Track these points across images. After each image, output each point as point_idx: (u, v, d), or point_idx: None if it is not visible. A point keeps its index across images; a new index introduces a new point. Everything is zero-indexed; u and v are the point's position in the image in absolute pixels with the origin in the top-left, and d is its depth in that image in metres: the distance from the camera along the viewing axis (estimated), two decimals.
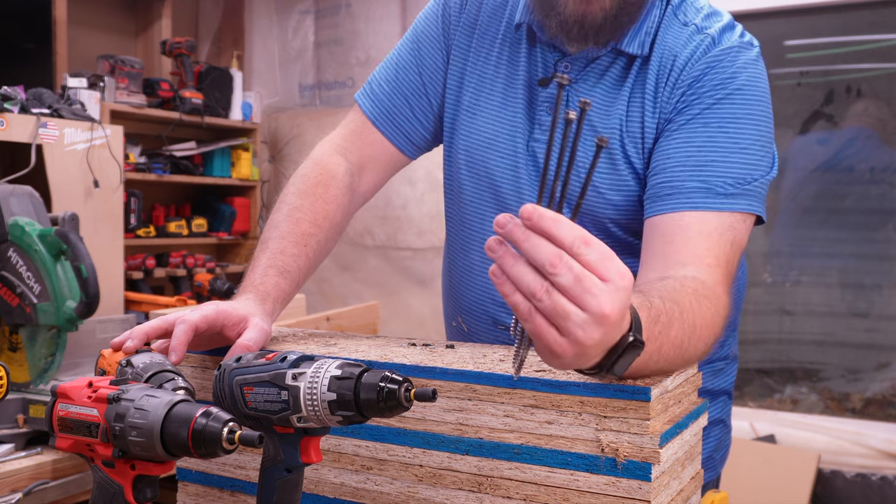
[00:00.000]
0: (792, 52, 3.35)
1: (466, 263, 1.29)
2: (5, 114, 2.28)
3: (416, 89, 1.31)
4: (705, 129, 1.10)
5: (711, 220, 1.07)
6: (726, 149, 1.09)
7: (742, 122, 1.10)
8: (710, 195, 1.08)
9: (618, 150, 1.16)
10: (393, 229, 4.04)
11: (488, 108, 1.24)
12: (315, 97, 4.39)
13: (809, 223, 3.39)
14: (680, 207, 1.08)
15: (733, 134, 1.10)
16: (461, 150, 1.28)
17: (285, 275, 1.14)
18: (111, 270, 2.58)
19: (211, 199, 4.15)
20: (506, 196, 1.23)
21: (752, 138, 1.10)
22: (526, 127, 1.21)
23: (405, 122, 1.31)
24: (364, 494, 0.96)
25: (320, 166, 1.27)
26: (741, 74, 1.12)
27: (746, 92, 1.11)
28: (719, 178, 1.08)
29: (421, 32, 1.32)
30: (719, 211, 1.08)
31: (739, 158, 1.09)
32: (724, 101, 1.11)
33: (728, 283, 1.05)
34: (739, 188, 1.09)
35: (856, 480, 2.92)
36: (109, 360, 0.99)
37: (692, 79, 1.13)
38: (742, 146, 1.10)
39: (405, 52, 1.33)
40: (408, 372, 0.92)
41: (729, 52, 1.13)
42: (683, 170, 1.10)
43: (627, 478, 0.83)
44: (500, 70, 1.24)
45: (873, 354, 3.26)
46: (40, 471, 1.65)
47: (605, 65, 1.17)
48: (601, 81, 1.18)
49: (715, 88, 1.11)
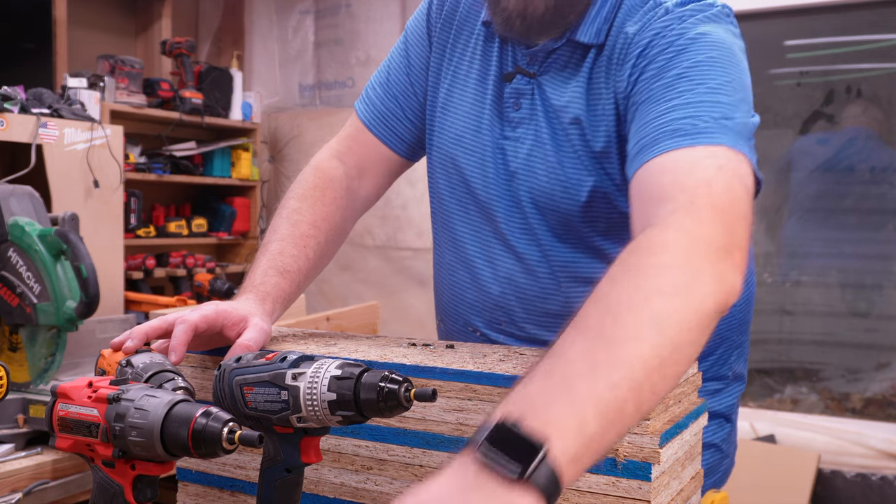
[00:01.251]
0: (792, 52, 3.35)
1: (443, 262, 1.29)
2: (5, 114, 2.28)
3: (405, 90, 1.30)
4: (663, 84, 0.98)
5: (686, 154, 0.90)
6: (690, 91, 0.95)
7: (704, 67, 0.97)
8: (679, 135, 0.91)
9: (578, 141, 1.11)
10: (393, 229, 4.04)
11: (460, 105, 1.23)
12: (315, 97, 4.39)
13: (810, 223, 3.39)
14: (648, 157, 0.92)
15: (696, 78, 0.97)
16: (436, 148, 1.27)
17: (285, 275, 1.14)
18: (111, 270, 2.58)
19: (211, 199, 4.15)
20: (477, 193, 1.21)
21: (720, 79, 0.96)
22: (494, 123, 1.19)
23: (397, 123, 1.31)
24: (364, 494, 0.96)
25: (318, 171, 1.28)
26: (694, 28, 1.01)
27: (703, 41, 1.00)
28: (688, 118, 0.93)
29: (410, 34, 1.32)
30: (694, 146, 0.90)
31: (709, 98, 0.94)
32: (680, 55, 0.99)
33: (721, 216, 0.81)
34: (716, 124, 0.92)
35: (856, 480, 2.92)
36: (109, 360, 0.99)
37: (641, 47, 1.04)
38: (710, 87, 0.95)
39: (396, 54, 1.33)
40: (408, 372, 0.92)
41: (682, 13, 1.03)
42: (648, 125, 0.96)
43: (627, 478, 0.83)
44: (473, 66, 1.22)
45: (873, 354, 3.26)
46: (40, 471, 1.65)
47: (565, 57, 1.13)
48: (562, 73, 1.13)
49: (666, 47, 1.01)
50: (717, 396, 1.26)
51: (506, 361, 0.95)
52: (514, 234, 1.18)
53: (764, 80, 3.35)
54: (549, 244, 1.16)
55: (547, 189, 1.14)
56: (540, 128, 1.15)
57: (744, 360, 1.31)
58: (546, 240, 1.16)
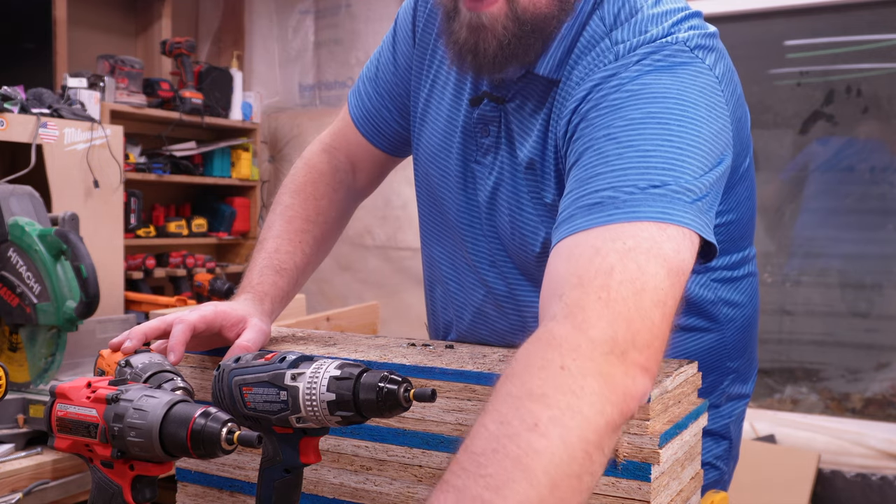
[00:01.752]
0: (792, 52, 3.35)
1: (425, 274, 1.28)
2: (5, 114, 2.28)
3: (391, 88, 1.24)
4: (591, 147, 0.88)
5: (593, 236, 0.80)
6: (618, 157, 0.85)
7: (638, 125, 0.86)
8: (596, 210, 0.81)
9: (533, 188, 1.03)
10: (393, 229, 4.04)
11: (436, 119, 1.16)
12: (315, 97, 4.39)
13: (810, 223, 3.39)
14: (560, 236, 0.83)
15: (626, 139, 0.86)
16: (418, 160, 1.22)
17: (282, 273, 1.14)
18: (111, 270, 2.58)
19: (211, 199, 4.15)
20: (449, 216, 1.15)
21: (656, 140, 0.85)
22: (468, 144, 1.11)
23: (382, 122, 1.26)
24: (363, 495, 0.96)
25: (309, 165, 1.27)
26: (636, 79, 0.90)
27: (642, 95, 0.89)
28: (608, 189, 0.83)
29: (398, 26, 1.24)
30: (608, 224, 0.80)
31: (637, 163, 0.83)
32: (614, 112, 0.89)
33: (615, 314, 0.72)
34: (642, 194, 0.81)
35: (856, 480, 2.92)
36: (108, 361, 0.99)
37: (577, 101, 0.94)
38: (642, 149, 0.84)
39: (385, 48, 1.27)
40: (407, 372, 0.92)
41: (628, 61, 0.93)
42: (569, 195, 0.87)
43: (627, 478, 0.83)
44: (451, 76, 1.14)
45: (873, 354, 3.26)
46: (40, 471, 1.65)
47: (530, 87, 1.04)
48: (526, 105, 1.04)
49: (600, 102, 0.91)
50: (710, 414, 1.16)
51: (505, 362, 0.95)
52: (482, 265, 1.13)
53: (764, 80, 3.35)
54: (514, 281, 1.10)
55: (508, 230, 1.07)
56: (504, 161, 1.07)
57: (742, 381, 1.21)
58: (512, 276, 1.10)
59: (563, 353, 0.70)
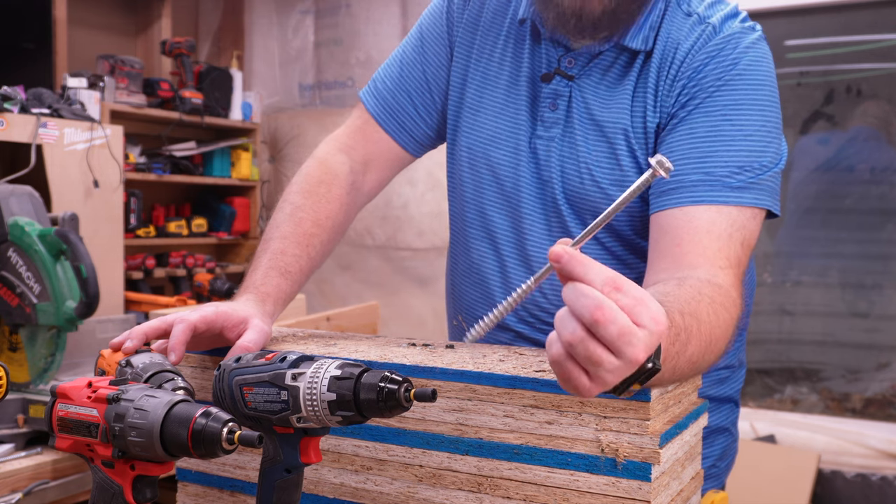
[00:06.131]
0: (792, 52, 3.35)
1: (467, 262, 1.29)
2: (5, 114, 2.28)
3: (419, 86, 1.30)
4: (707, 118, 1.08)
5: (719, 218, 1.04)
6: (730, 137, 1.07)
7: (745, 108, 1.07)
8: (716, 188, 1.05)
9: (622, 146, 1.14)
10: (393, 229, 4.04)
11: (492, 105, 1.23)
12: (315, 97, 4.39)
13: (810, 223, 3.39)
14: (684, 202, 1.06)
15: (737, 120, 1.07)
16: (464, 148, 1.27)
17: (286, 276, 1.14)
18: (111, 270, 2.58)
19: (211, 199, 4.15)
20: (509, 193, 1.22)
21: (757, 124, 1.07)
22: (528, 123, 1.20)
23: (408, 119, 1.30)
24: (364, 495, 0.96)
25: (324, 165, 1.27)
26: (742, 59, 1.09)
27: (748, 77, 1.09)
28: (723, 167, 1.05)
29: (426, 29, 1.31)
30: (725, 205, 1.05)
31: (744, 146, 1.06)
32: (725, 88, 1.08)
33: (740, 286, 1.02)
34: (746, 179, 1.05)
35: (856, 480, 2.92)
36: (109, 361, 0.99)
37: (692, 70, 1.10)
38: (747, 132, 1.07)
39: (410, 49, 1.32)
40: (408, 372, 0.92)
41: (730, 39, 1.10)
42: (687, 162, 1.07)
43: (627, 478, 0.83)
44: (504, 66, 1.23)
45: (873, 354, 3.26)
46: (40, 471, 1.65)
47: (609, 60, 1.16)
48: (605, 77, 1.16)
49: (716, 77, 1.09)
50: (726, 383, 1.30)
51: (505, 361, 0.95)
52: (540, 236, 1.20)
53: None
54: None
55: (579, 189, 1.16)
56: (574, 130, 1.16)
57: (743, 347, 1.36)
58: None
59: (721, 305, 0.94)
